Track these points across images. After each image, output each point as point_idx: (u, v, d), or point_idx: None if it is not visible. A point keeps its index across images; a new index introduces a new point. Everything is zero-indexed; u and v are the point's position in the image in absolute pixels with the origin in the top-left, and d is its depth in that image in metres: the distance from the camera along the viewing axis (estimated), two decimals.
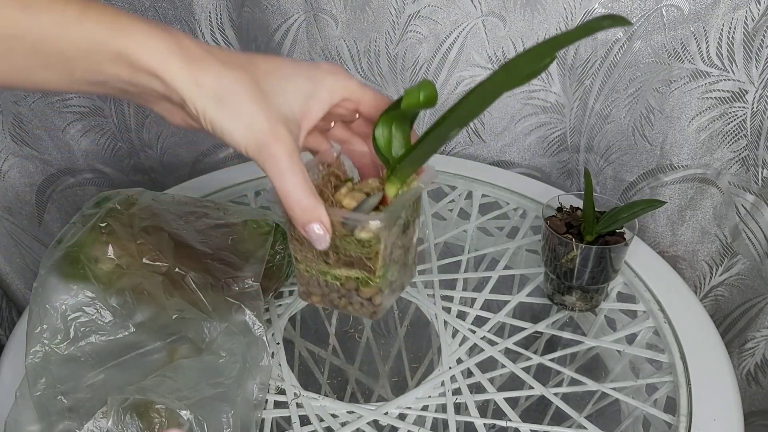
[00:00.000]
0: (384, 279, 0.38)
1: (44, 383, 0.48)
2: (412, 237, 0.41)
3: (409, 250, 0.41)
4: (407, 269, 0.42)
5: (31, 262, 0.83)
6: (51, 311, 0.49)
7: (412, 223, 0.39)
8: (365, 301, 0.39)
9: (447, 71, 0.75)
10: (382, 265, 0.36)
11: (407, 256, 0.41)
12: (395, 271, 0.39)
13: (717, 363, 0.51)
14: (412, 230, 0.40)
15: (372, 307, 0.39)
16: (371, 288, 0.37)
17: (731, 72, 0.62)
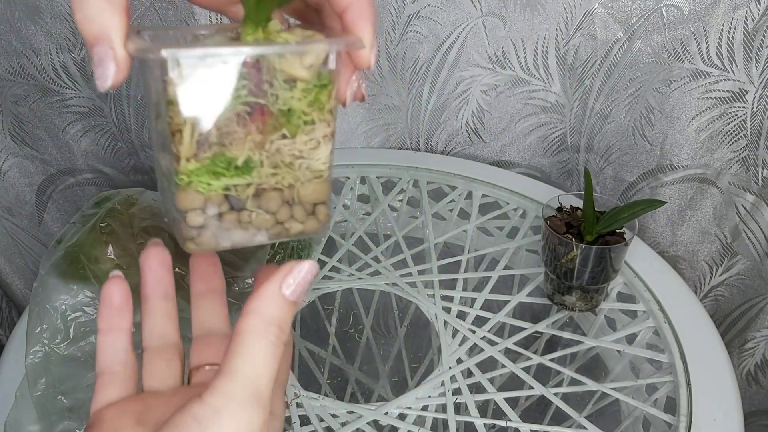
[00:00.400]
0: (329, 161, 0.26)
1: (44, 383, 0.48)
2: (319, 145, 0.25)
3: (305, 166, 0.25)
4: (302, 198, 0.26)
5: (31, 262, 0.83)
6: (51, 311, 0.49)
7: (309, 115, 0.25)
8: (307, 206, 0.26)
9: (447, 71, 0.75)
10: (332, 122, 0.25)
11: (299, 171, 0.25)
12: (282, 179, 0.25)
13: (717, 363, 0.51)
14: (311, 132, 0.25)
15: (328, 212, 0.27)
16: (320, 177, 0.26)
17: (731, 72, 0.62)
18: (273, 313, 0.23)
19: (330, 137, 0.26)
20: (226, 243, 0.25)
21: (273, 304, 0.23)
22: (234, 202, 0.25)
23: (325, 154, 0.26)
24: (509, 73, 0.74)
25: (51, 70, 0.73)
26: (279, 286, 0.23)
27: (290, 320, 0.24)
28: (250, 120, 0.24)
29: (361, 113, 0.81)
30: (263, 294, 0.23)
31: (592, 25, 0.67)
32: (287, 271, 0.24)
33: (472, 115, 0.78)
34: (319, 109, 0.25)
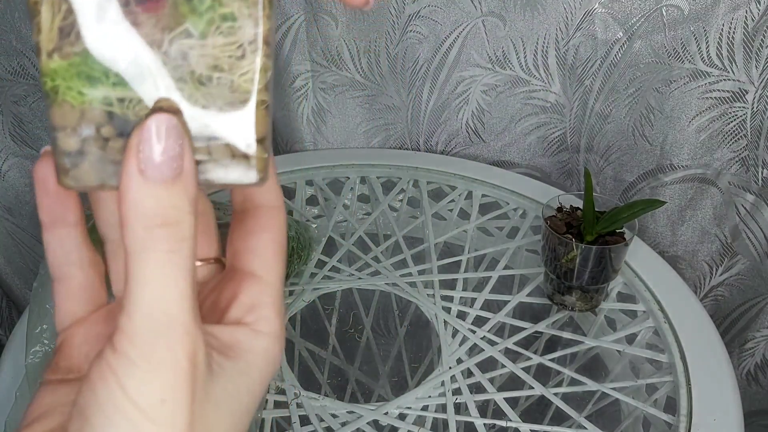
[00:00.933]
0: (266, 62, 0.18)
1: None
2: (244, 54, 0.18)
3: (225, 84, 0.18)
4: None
5: (31, 262, 0.83)
6: (51, 311, 0.49)
7: (227, 5, 0.18)
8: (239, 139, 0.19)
9: (447, 71, 0.75)
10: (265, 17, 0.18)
11: (215, 88, 0.18)
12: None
13: (717, 363, 0.51)
14: (230, 32, 0.18)
15: (264, 156, 0.19)
16: (246, 101, 0.18)
17: (731, 72, 0.62)
18: (147, 210, 0.16)
19: (262, 44, 0.18)
20: (113, 181, 0.18)
21: (140, 195, 0.16)
22: (119, 124, 0.18)
23: (253, 66, 0.18)
24: (509, 73, 0.74)
25: None
26: (136, 168, 0.16)
27: (184, 203, 0.17)
28: (135, 4, 0.17)
29: (361, 113, 0.81)
30: (122, 188, 0.17)
31: (592, 25, 0.67)
32: (137, 140, 0.17)
33: (472, 115, 0.78)
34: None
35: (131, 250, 0.17)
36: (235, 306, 0.21)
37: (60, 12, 0.17)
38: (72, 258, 0.22)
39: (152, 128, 0.17)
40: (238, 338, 0.20)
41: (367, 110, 0.81)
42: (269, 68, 0.18)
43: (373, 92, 0.79)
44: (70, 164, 0.18)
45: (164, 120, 0.17)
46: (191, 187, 0.17)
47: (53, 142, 0.18)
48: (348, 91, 0.79)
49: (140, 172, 0.16)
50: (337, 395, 0.76)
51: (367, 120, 0.82)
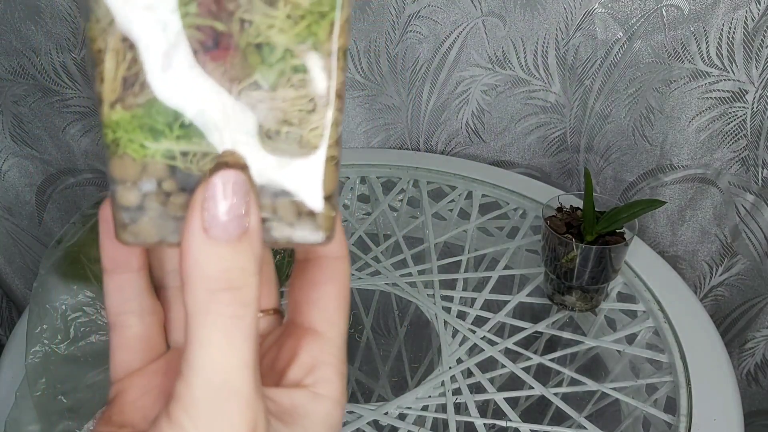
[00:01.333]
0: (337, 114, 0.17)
1: (44, 383, 0.48)
2: (314, 107, 0.17)
3: (293, 138, 0.17)
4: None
5: (31, 262, 0.83)
6: (51, 311, 0.49)
7: (299, 57, 0.17)
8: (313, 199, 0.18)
9: (447, 71, 0.75)
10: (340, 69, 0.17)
11: (283, 143, 0.17)
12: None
13: (717, 363, 0.51)
14: (301, 85, 0.17)
15: (331, 214, 0.18)
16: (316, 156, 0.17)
17: (731, 72, 0.62)
18: (211, 271, 0.15)
19: (335, 97, 0.17)
20: (174, 238, 0.17)
21: (203, 255, 0.15)
22: (182, 179, 0.17)
23: (323, 121, 0.17)
24: (509, 73, 0.74)
25: (51, 70, 0.73)
26: (200, 226, 0.15)
27: (250, 264, 0.16)
28: (202, 53, 0.16)
29: (361, 113, 0.81)
30: (185, 246, 0.15)
31: (592, 25, 0.67)
32: (201, 197, 0.16)
33: (472, 115, 0.78)
34: (314, 48, 0.16)
35: (192, 312, 0.16)
36: (295, 366, 0.20)
37: (125, 61, 0.16)
38: (131, 306, 0.20)
39: (218, 185, 0.16)
40: (297, 402, 0.19)
41: (367, 110, 0.81)
42: (340, 122, 0.17)
43: (373, 92, 0.79)
44: (128, 219, 0.17)
45: (231, 176, 0.16)
46: (257, 246, 0.16)
47: (112, 195, 0.17)
48: (348, 91, 0.79)
49: (204, 231, 0.15)
50: None
51: (367, 120, 0.82)
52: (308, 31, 0.16)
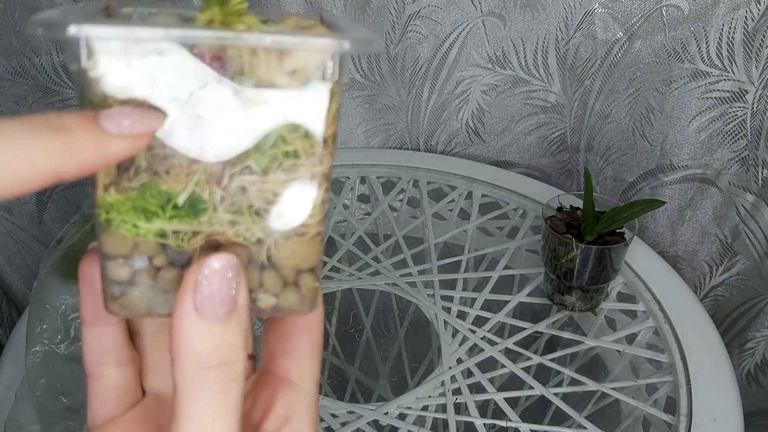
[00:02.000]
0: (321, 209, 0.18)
1: (44, 383, 0.48)
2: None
3: (283, 217, 0.18)
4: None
5: (31, 261, 0.83)
6: (51, 311, 0.49)
7: (291, 144, 0.18)
8: (284, 272, 0.19)
9: (447, 71, 0.75)
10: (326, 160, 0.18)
11: (273, 222, 0.18)
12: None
13: (717, 363, 0.51)
14: (292, 169, 0.18)
15: (315, 284, 0.19)
16: (304, 234, 0.18)
17: (731, 72, 0.62)
18: (201, 349, 0.16)
19: (322, 179, 0.18)
20: (162, 310, 0.18)
21: (194, 334, 0.16)
22: (172, 254, 0.18)
23: (312, 202, 0.18)
24: (509, 73, 0.73)
25: (51, 70, 0.72)
26: (192, 306, 0.16)
27: (238, 340, 0.17)
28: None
29: (361, 113, 0.81)
30: (176, 325, 0.16)
31: (592, 25, 0.66)
32: (194, 276, 0.16)
33: (472, 115, 0.78)
34: (306, 136, 0.17)
35: (182, 387, 0.16)
36: (271, 418, 0.20)
37: None
38: (110, 357, 0.21)
39: (211, 268, 0.16)
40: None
41: (367, 110, 0.81)
42: (327, 201, 0.18)
43: (373, 92, 0.79)
44: (119, 293, 0.18)
45: (224, 259, 0.17)
46: (245, 321, 0.17)
47: (103, 270, 0.18)
48: (348, 91, 0.79)
49: (196, 311, 0.16)
50: (337, 395, 0.76)
51: (367, 120, 0.82)
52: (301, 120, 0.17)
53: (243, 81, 0.16)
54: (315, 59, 0.17)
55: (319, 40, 0.16)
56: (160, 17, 0.19)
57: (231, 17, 0.17)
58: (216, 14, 0.17)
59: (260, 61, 0.16)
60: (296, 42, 0.16)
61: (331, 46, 0.16)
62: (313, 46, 0.16)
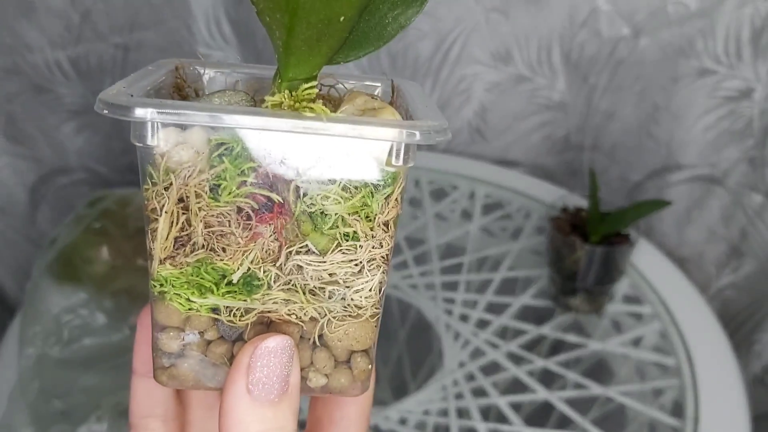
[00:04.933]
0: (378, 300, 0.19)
1: (37, 386, 0.47)
2: (362, 271, 0.18)
3: (339, 298, 0.18)
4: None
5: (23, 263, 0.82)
6: (44, 313, 0.48)
7: (352, 226, 0.18)
8: (337, 353, 0.19)
9: (449, 68, 0.74)
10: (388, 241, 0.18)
11: (328, 302, 0.18)
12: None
13: (724, 366, 0.51)
14: (352, 250, 0.18)
15: (368, 366, 0.19)
16: (359, 316, 0.18)
17: (738, 70, 0.61)
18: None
19: (380, 262, 0.18)
20: (211, 383, 0.18)
21: (246, 416, 0.16)
22: (225, 331, 0.18)
23: (370, 284, 0.18)
24: (512, 71, 0.73)
25: (44, 67, 0.72)
26: (244, 387, 0.16)
27: (289, 423, 0.16)
28: (255, 220, 0.17)
29: None
30: (227, 406, 0.16)
31: (597, 21, 0.66)
32: (247, 357, 0.16)
33: (475, 113, 0.77)
34: (367, 219, 0.17)
35: None
36: None
37: (178, 224, 0.17)
38: (157, 410, 0.21)
39: (267, 348, 0.16)
40: None
41: None
42: (385, 283, 0.18)
43: None
44: (168, 363, 0.18)
45: (279, 341, 0.16)
46: (296, 402, 0.17)
47: (154, 340, 0.18)
48: None
49: (248, 392, 0.16)
50: None
51: None
52: (362, 203, 0.17)
53: None
54: (378, 146, 0.17)
55: (383, 130, 0.16)
56: (233, 96, 0.19)
57: (300, 103, 0.17)
58: (286, 98, 0.17)
59: None
60: (362, 132, 0.16)
61: (396, 137, 0.16)
62: (377, 136, 0.16)
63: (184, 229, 0.17)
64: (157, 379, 0.18)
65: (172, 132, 0.16)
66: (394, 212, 0.18)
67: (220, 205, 0.17)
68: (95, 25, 0.70)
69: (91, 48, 0.72)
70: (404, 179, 0.17)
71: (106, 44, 0.72)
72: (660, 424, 0.49)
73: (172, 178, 0.16)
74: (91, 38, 0.71)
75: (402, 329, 0.75)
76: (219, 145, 0.16)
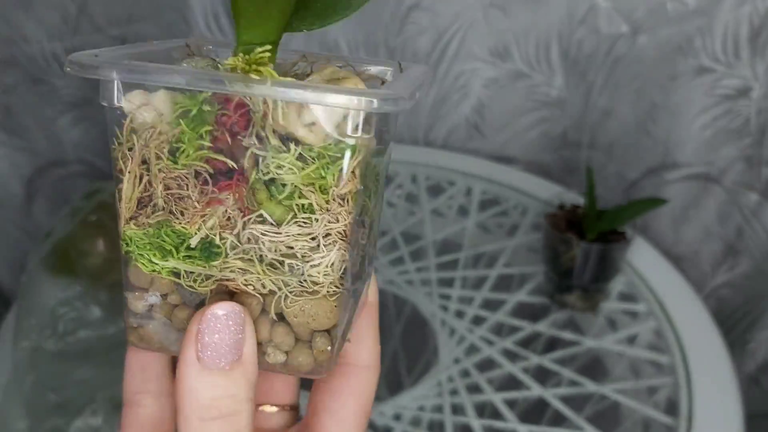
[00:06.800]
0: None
1: (32, 379, 0.47)
2: (317, 246, 0.18)
3: (296, 272, 0.18)
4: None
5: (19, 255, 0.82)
6: (39, 306, 0.48)
7: (307, 198, 0.17)
8: (298, 330, 0.18)
9: (447, 64, 0.74)
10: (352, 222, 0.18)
11: (285, 276, 0.18)
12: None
13: (719, 364, 0.51)
14: (307, 223, 0.17)
15: (327, 348, 0.19)
16: (316, 293, 0.18)
17: (736, 69, 0.61)
18: (203, 400, 0.16)
19: (338, 238, 0.17)
20: (174, 348, 0.18)
21: (197, 384, 0.16)
22: (186, 296, 0.18)
23: (327, 260, 0.17)
24: (510, 67, 0.72)
25: (41, 59, 0.71)
26: (194, 355, 0.16)
27: (242, 391, 0.16)
28: (212, 185, 0.17)
29: None
30: (179, 373, 0.16)
31: (595, 18, 0.65)
32: (196, 324, 0.16)
33: (473, 109, 0.77)
34: (322, 191, 0.17)
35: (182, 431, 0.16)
36: None
37: (140, 184, 0.17)
38: (150, 387, 0.21)
39: (214, 317, 0.16)
40: None
41: None
42: (346, 260, 0.18)
43: None
44: (136, 324, 0.19)
45: (227, 307, 0.16)
46: (251, 373, 0.17)
47: (124, 299, 0.19)
48: None
49: (198, 360, 0.16)
50: None
51: None
52: (317, 173, 0.17)
53: (265, 128, 0.17)
54: (334, 114, 0.16)
55: (336, 96, 0.15)
56: (199, 62, 0.19)
57: (251, 66, 0.17)
58: (239, 62, 0.17)
59: (279, 111, 0.16)
60: (306, 97, 0.16)
61: (345, 103, 0.16)
62: (329, 102, 0.16)
63: (147, 190, 0.17)
64: (128, 339, 0.19)
65: (138, 94, 0.17)
66: (350, 186, 0.17)
67: (178, 167, 0.17)
68: (92, 17, 0.70)
69: (88, 40, 0.71)
70: (364, 152, 0.17)
71: (104, 36, 0.71)
72: (654, 422, 0.49)
73: (135, 139, 0.17)
74: (89, 30, 0.71)
75: (397, 325, 0.75)
76: (182, 109, 0.17)
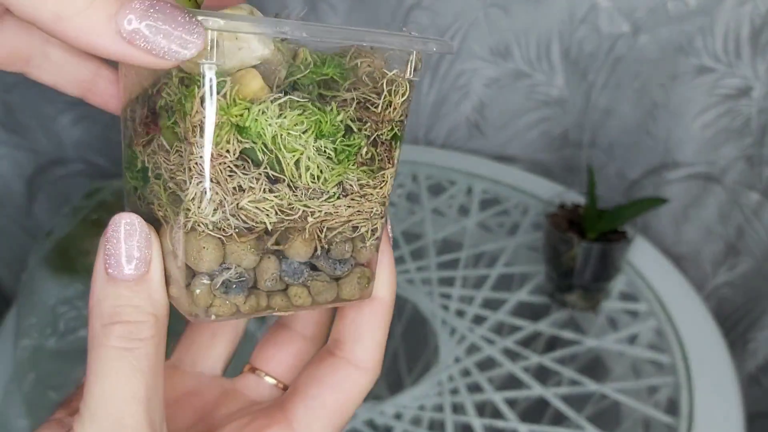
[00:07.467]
0: None
1: (33, 378, 0.47)
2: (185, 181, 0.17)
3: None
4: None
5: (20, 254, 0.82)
6: (40, 305, 0.48)
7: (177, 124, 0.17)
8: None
9: (448, 63, 0.74)
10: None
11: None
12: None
13: (719, 364, 0.51)
14: (177, 151, 0.17)
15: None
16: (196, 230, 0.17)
17: (737, 68, 0.61)
18: (105, 308, 0.16)
19: (196, 171, 0.16)
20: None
21: (102, 292, 0.16)
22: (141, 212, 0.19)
23: (191, 193, 0.17)
24: (511, 66, 0.72)
25: None
26: (103, 266, 0.17)
27: (145, 304, 0.17)
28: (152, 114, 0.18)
29: None
30: (91, 286, 0.17)
31: (596, 18, 0.65)
32: (104, 237, 0.17)
33: (473, 108, 0.77)
34: (182, 117, 0.16)
35: (89, 344, 0.17)
36: None
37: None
38: None
39: (115, 223, 0.17)
40: None
41: None
42: (207, 197, 0.17)
43: None
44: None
45: (127, 218, 0.17)
46: (157, 292, 0.17)
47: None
48: None
49: (105, 270, 0.17)
50: None
51: None
52: (177, 101, 0.17)
53: None
54: (201, 40, 0.16)
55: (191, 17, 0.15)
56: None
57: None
58: None
59: None
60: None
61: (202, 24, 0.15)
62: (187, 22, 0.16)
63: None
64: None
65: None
66: (198, 117, 0.16)
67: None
68: None
69: None
70: (226, 86, 0.16)
71: None
72: (654, 422, 0.49)
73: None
74: None
75: (398, 324, 0.75)
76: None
